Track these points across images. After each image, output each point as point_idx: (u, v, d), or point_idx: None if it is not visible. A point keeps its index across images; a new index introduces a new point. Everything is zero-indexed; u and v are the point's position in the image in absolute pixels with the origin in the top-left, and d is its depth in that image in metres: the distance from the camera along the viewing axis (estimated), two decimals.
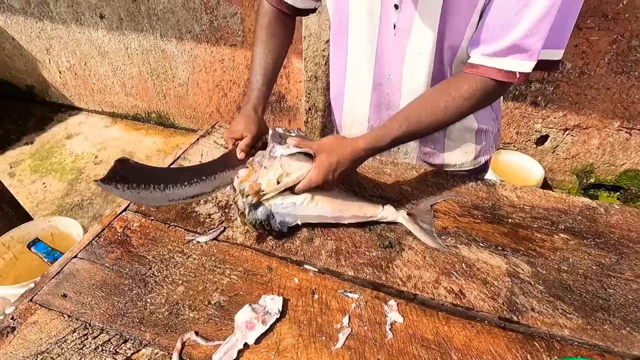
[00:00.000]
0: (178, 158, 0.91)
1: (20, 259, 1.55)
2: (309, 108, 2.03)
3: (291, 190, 0.68)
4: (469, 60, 0.68)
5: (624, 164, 2.06)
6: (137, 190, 0.72)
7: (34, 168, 2.47)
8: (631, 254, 0.72)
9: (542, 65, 0.66)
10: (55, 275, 0.63)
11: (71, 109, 3.02)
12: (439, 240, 0.72)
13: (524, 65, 0.63)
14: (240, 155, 0.77)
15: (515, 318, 0.60)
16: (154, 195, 0.73)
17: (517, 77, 0.64)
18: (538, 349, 0.56)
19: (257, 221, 0.66)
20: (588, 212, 0.81)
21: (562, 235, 0.77)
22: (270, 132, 0.73)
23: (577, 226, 0.78)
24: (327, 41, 1.76)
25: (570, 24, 0.65)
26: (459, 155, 0.92)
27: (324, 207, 0.69)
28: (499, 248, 0.73)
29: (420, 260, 0.69)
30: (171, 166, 0.86)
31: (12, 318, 0.56)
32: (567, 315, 0.61)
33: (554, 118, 2.00)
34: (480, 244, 0.73)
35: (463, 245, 0.73)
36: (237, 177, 0.70)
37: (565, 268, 0.70)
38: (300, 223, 0.70)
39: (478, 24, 0.65)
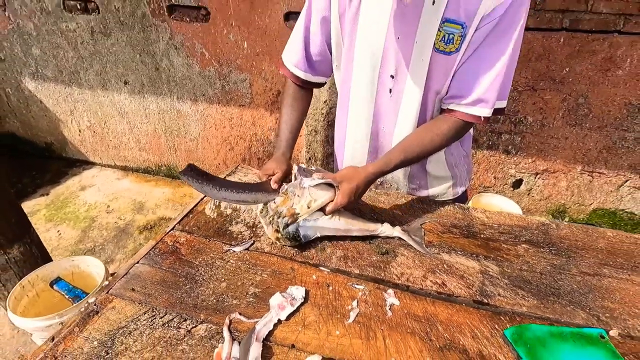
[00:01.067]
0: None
1: (42, 296, 1.65)
2: (309, 158, 2.29)
3: (321, 211, 0.88)
4: (448, 107, 0.93)
5: (591, 204, 2.30)
6: (202, 184, 0.98)
7: (48, 217, 2.62)
8: (577, 257, 0.91)
9: (495, 112, 0.92)
10: (123, 276, 0.79)
11: (85, 164, 3.25)
12: (427, 250, 0.91)
13: (485, 111, 0.89)
14: (274, 185, 0.95)
15: (485, 300, 0.77)
16: (213, 191, 0.98)
17: (482, 120, 0.90)
18: (503, 321, 0.72)
19: (290, 235, 0.85)
20: (543, 228, 1.02)
21: (523, 245, 0.96)
22: (296, 168, 0.94)
23: (535, 238, 0.98)
24: (325, 101, 2.07)
25: (509, 83, 0.92)
26: (439, 188, 1.16)
27: (339, 223, 0.89)
28: (474, 255, 0.91)
29: (410, 263, 0.87)
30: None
31: (94, 304, 0.72)
32: (526, 298, 0.78)
33: (525, 164, 2.28)
34: (459, 252, 0.92)
35: (445, 253, 0.91)
36: (274, 202, 0.90)
37: (526, 268, 0.88)
38: (319, 235, 0.89)
39: (450, 83, 0.91)
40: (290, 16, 2.16)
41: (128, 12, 2.39)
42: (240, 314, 0.71)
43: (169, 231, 0.93)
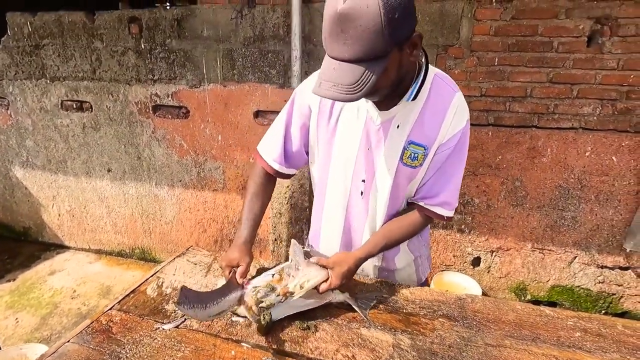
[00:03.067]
0: (156, 272, 1.20)
1: None
2: (275, 239, 2.39)
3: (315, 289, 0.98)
4: (418, 204, 1.07)
5: (548, 281, 2.38)
6: (194, 309, 0.93)
7: (10, 304, 2.56)
8: (485, 329, 0.99)
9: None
10: (50, 355, 0.84)
11: (60, 248, 3.28)
12: (366, 315, 1.02)
13: (449, 213, 1.08)
14: (240, 280, 0.98)
15: None
16: (202, 313, 0.93)
17: (445, 219, 1.09)
18: None
19: (269, 314, 0.93)
20: (459, 302, 1.10)
21: (440, 319, 1.03)
22: (294, 247, 1.01)
23: (451, 312, 1.06)
24: (288, 186, 2.26)
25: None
26: (406, 280, 1.26)
27: (309, 301, 1.00)
28: (392, 329, 0.98)
29: (328, 337, 0.93)
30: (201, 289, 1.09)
31: None
32: None
33: (479, 242, 2.41)
34: (378, 327, 0.99)
35: (364, 328, 0.98)
36: (271, 277, 0.97)
37: (437, 341, 0.95)
38: (286, 315, 0.97)
39: (421, 187, 1.06)
40: (260, 114, 2.48)
41: (118, 110, 2.71)
42: None
43: (107, 310, 0.99)
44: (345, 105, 1.02)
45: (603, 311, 2.32)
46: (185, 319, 0.97)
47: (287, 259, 1.03)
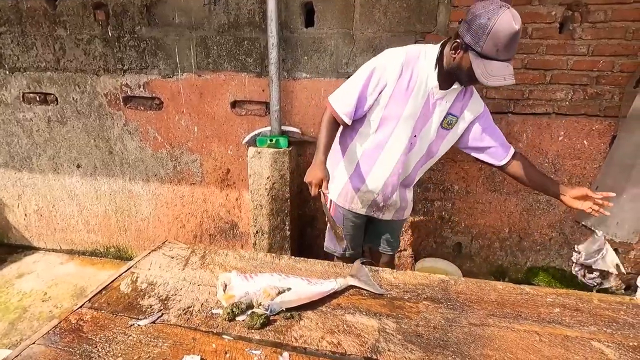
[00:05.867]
0: (130, 268, 1.14)
1: None
2: (257, 232, 2.35)
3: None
4: (511, 153, 1.54)
5: (526, 263, 2.45)
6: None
7: None
8: (469, 309, 1.00)
9: None
10: (14, 358, 0.78)
11: (28, 249, 3.11)
12: (378, 287, 1.04)
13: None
14: (325, 192, 1.34)
15: (374, 357, 0.81)
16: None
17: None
18: None
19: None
20: (443, 284, 1.11)
21: (424, 302, 1.03)
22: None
23: (435, 295, 1.06)
24: (268, 177, 2.21)
25: None
26: (407, 211, 1.75)
27: (302, 293, 0.98)
28: (376, 314, 0.97)
29: (312, 325, 0.91)
30: None
31: None
32: (413, 352, 0.83)
33: (459, 228, 2.45)
34: (363, 312, 0.98)
35: (349, 314, 0.97)
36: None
37: (422, 323, 0.94)
38: (284, 308, 0.95)
39: (493, 151, 1.54)
40: (237, 104, 2.41)
41: (86, 102, 2.57)
42: None
43: (77, 309, 0.93)
44: (419, 81, 1.35)
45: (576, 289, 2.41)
46: (162, 314, 0.92)
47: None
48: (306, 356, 0.81)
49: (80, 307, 0.94)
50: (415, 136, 1.44)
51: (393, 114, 1.41)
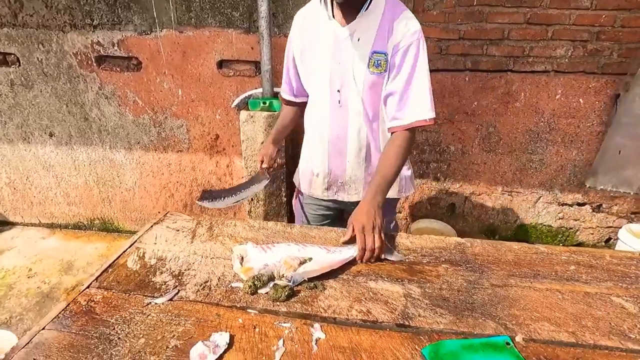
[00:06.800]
0: (134, 243, 1.07)
1: None
2: (252, 199, 2.28)
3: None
4: (394, 127, 1.18)
5: (515, 221, 2.53)
6: (215, 203, 1.45)
7: None
8: (488, 271, 1.00)
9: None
10: (24, 346, 0.72)
11: (3, 224, 2.93)
12: (397, 254, 1.03)
13: (426, 115, 1.15)
14: (266, 165, 1.47)
15: (407, 323, 0.80)
16: (222, 202, 1.45)
17: (428, 121, 1.15)
18: (423, 340, 0.76)
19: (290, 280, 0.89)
20: (460, 247, 1.10)
21: (443, 265, 1.03)
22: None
23: (453, 257, 1.06)
24: (262, 142, 2.12)
25: (432, 97, 1.16)
26: (391, 196, 1.30)
27: (323, 262, 0.94)
28: (399, 280, 0.96)
29: (338, 294, 0.89)
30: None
31: None
32: (443, 315, 0.83)
33: (454, 189, 2.47)
34: (385, 279, 0.96)
35: (371, 281, 0.95)
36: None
37: (445, 287, 0.94)
38: (306, 279, 0.91)
39: (386, 108, 1.19)
40: (224, 63, 2.24)
41: (53, 63, 2.32)
42: None
43: (84, 290, 0.87)
44: (318, 29, 1.19)
45: (560, 244, 2.54)
46: (179, 291, 0.87)
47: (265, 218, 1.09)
48: (337, 326, 0.79)
49: (88, 287, 0.87)
50: (338, 91, 1.20)
51: (310, 74, 1.26)
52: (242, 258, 0.95)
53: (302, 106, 1.41)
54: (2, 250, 2.66)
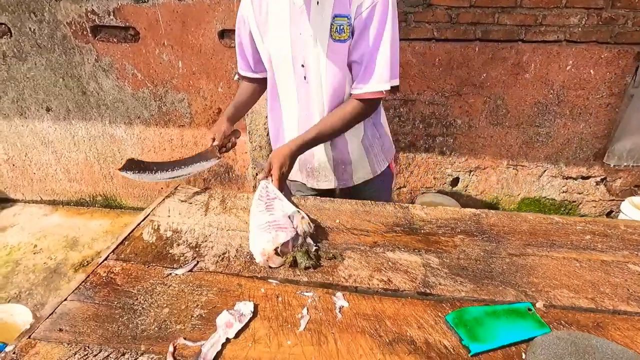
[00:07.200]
0: (147, 216, 1.05)
1: None
2: (256, 174, 2.27)
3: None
4: (352, 92, 1.10)
5: (519, 194, 2.54)
6: (140, 174, 1.16)
7: None
8: (505, 241, 1.00)
9: (391, 89, 1.08)
10: (49, 316, 0.71)
11: (5, 202, 2.91)
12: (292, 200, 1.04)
13: (382, 86, 1.05)
14: (215, 144, 1.23)
15: (428, 291, 0.81)
16: (152, 176, 1.18)
17: (384, 94, 1.06)
18: (445, 307, 0.77)
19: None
20: (475, 218, 1.10)
21: (459, 236, 1.03)
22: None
23: (468, 228, 1.05)
24: (267, 116, 2.07)
25: (397, 65, 1.08)
26: (361, 172, 1.29)
27: None
28: (416, 250, 0.96)
29: (357, 264, 0.89)
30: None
31: (13, 352, 0.64)
32: (463, 284, 0.83)
33: (459, 163, 2.46)
34: (402, 249, 0.96)
35: (389, 252, 0.95)
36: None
37: (462, 257, 0.94)
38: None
39: (352, 73, 1.09)
40: (225, 33, 2.16)
41: (46, 34, 2.23)
42: (185, 338, 0.67)
43: (102, 262, 0.86)
44: (273, 2, 1.07)
45: None
46: (198, 262, 0.87)
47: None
48: (359, 295, 0.79)
49: (106, 259, 0.87)
50: (302, 66, 1.09)
51: (268, 50, 1.14)
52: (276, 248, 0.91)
53: (261, 82, 1.29)
54: (5, 227, 2.65)
